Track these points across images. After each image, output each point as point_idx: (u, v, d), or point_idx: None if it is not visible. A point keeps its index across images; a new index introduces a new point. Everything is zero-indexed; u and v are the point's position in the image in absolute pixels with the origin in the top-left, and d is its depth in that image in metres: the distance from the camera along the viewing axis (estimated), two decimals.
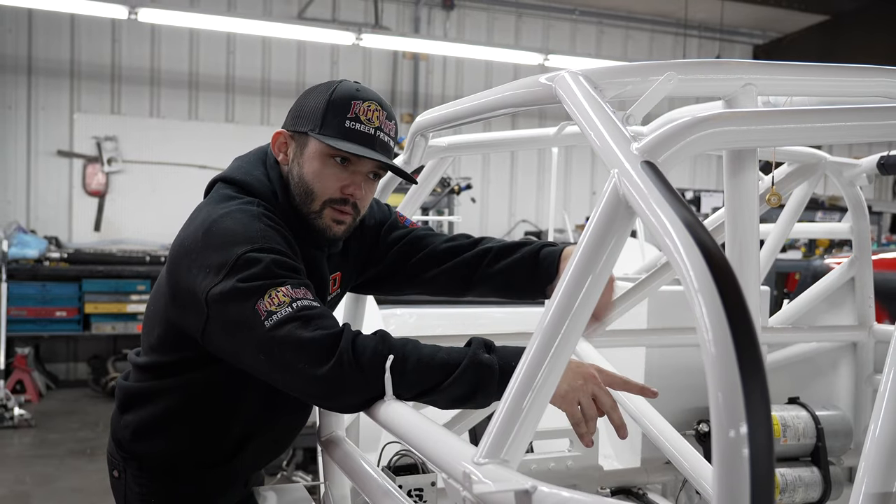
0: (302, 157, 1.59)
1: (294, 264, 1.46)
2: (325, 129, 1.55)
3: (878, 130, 1.18)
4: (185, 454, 1.69)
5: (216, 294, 1.40)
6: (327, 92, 1.58)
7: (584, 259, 0.99)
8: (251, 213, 1.52)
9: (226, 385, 1.62)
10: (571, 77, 1.23)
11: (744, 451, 0.72)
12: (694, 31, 10.08)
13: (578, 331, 0.98)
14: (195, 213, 1.60)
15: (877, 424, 1.09)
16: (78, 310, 6.85)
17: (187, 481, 1.70)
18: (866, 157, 2.41)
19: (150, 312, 1.69)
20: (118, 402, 1.76)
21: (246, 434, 1.70)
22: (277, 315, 1.34)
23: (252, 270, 1.39)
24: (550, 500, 0.83)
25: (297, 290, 1.38)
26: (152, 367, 1.68)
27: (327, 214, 1.59)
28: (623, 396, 2.09)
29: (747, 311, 0.78)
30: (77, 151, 7.71)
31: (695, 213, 0.88)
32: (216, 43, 8.09)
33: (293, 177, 1.61)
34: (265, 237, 1.46)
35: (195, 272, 1.45)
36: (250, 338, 1.37)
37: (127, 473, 1.71)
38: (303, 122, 1.59)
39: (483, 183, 9.10)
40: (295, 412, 1.77)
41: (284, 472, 4.66)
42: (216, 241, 1.46)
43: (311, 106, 1.59)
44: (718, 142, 1.05)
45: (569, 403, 1.30)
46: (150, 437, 1.68)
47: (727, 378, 0.74)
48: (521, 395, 0.97)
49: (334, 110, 1.55)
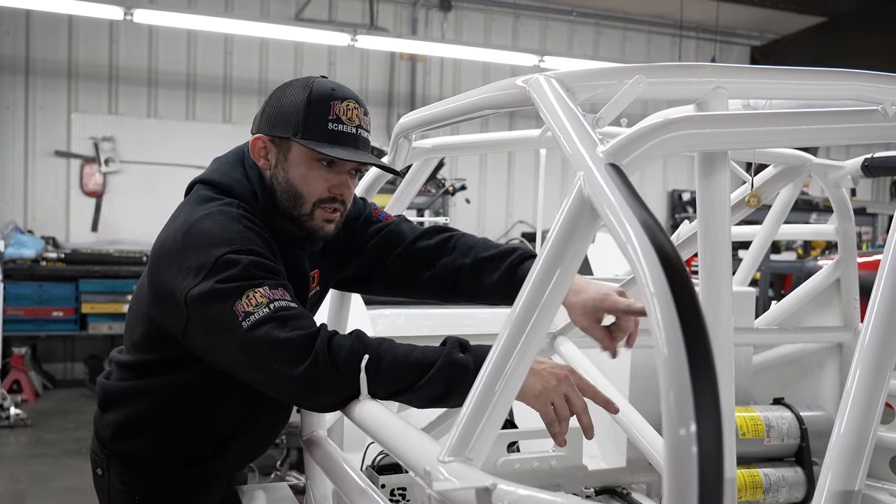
0: (287, 162, 1.59)
1: (273, 265, 1.47)
2: (307, 133, 1.55)
3: (848, 133, 1.19)
4: (168, 453, 1.70)
5: (195, 295, 1.42)
6: (304, 93, 1.57)
7: (549, 260, 1.01)
8: (230, 214, 1.53)
9: (208, 385, 1.63)
10: (545, 80, 1.24)
11: (693, 450, 0.73)
12: (691, 33, 10.09)
13: (543, 331, 0.99)
14: (175, 214, 1.61)
15: (842, 423, 1.11)
16: (75, 310, 6.87)
17: (170, 480, 1.71)
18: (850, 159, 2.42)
19: (133, 312, 1.71)
20: (99, 400, 1.77)
21: (228, 433, 1.71)
22: (255, 316, 1.36)
23: (231, 272, 1.40)
24: (509, 498, 0.84)
25: (274, 291, 1.40)
26: (135, 366, 1.69)
27: (318, 215, 1.60)
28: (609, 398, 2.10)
29: (699, 313, 0.79)
30: (74, 152, 7.73)
31: (654, 215, 0.89)
32: (213, 44, 8.11)
33: (278, 182, 1.61)
34: (244, 238, 1.47)
35: (175, 273, 1.47)
36: (228, 338, 1.39)
37: (110, 471, 1.72)
38: (282, 126, 1.58)
39: (480, 184, 9.11)
40: (276, 411, 1.78)
41: (278, 472, 4.67)
42: (196, 242, 1.47)
43: (288, 108, 1.58)
44: (684, 145, 1.06)
45: (542, 403, 1.33)
46: (132, 437, 1.69)
47: (678, 378, 0.75)
48: (486, 395, 0.98)
49: (315, 113, 1.55)
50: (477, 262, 1.72)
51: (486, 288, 1.71)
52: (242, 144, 1.71)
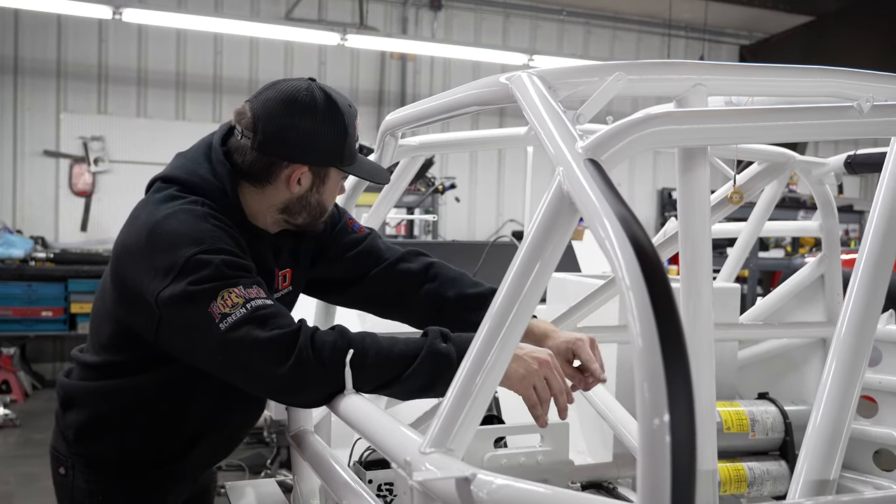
0: (324, 187, 1.62)
1: (244, 263, 1.46)
2: (346, 161, 1.61)
3: (823, 129, 1.21)
4: (135, 453, 1.67)
5: (167, 297, 1.39)
6: (339, 119, 1.57)
7: (529, 253, 1.02)
8: (196, 213, 1.49)
9: (178, 384, 1.61)
10: (527, 77, 1.26)
11: (666, 439, 0.75)
12: (681, 32, 10.13)
13: (523, 325, 1.01)
14: (135, 213, 1.57)
15: (818, 414, 1.13)
16: (64, 310, 6.84)
17: (136, 479, 1.68)
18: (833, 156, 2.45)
19: (98, 310, 1.67)
20: (61, 399, 1.73)
21: (198, 432, 1.69)
22: (232, 317, 1.35)
23: (202, 273, 1.38)
24: (488, 487, 0.85)
25: (249, 290, 1.39)
26: (101, 367, 1.65)
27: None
28: (593, 395, 2.13)
29: (674, 305, 0.80)
30: (63, 151, 7.70)
31: (632, 210, 0.91)
32: (203, 43, 8.09)
33: (310, 203, 1.62)
34: (213, 237, 1.45)
35: (142, 274, 1.45)
36: (205, 340, 1.38)
37: (74, 471, 1.69)
38: (325, 156, 1.59)
39: (470, 183, 9.12)
40: (247, 408, 1.77)
41: (269, 471, 4.68)
42: (162, 242, 1.44)
43: (329, 138, 1.57)
44: (662, 140, 1.08)
45: (525, 387, 1.38)
46: (98, 437, 1.67)
47: (652, 369, 0.77)
48: (467, 388, 0.99)
49: (346, 139, 1.59)
50: (462, 299, 1.74)
51: (469, 325, 1.67)
52: (207, 137, 1.67)
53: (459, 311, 1.72)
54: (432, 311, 1.74)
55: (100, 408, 1.65)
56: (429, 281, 1.76)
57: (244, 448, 4.86)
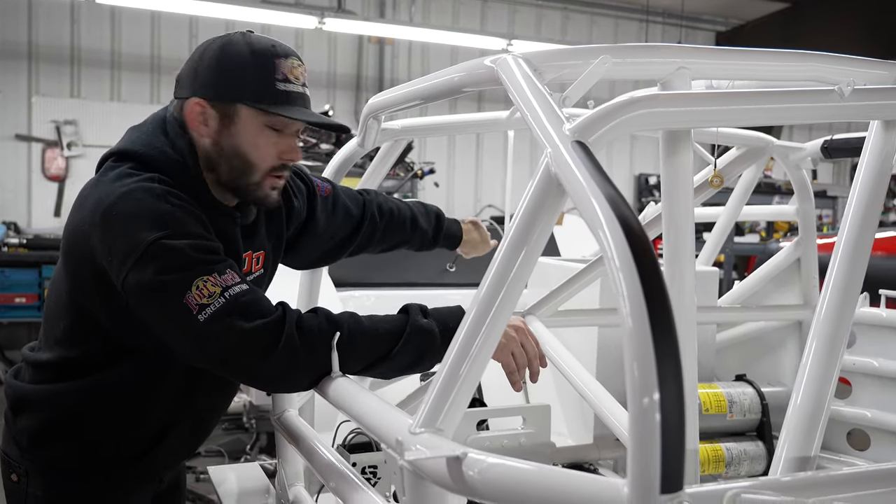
0: (233, 128, 1.45)
1: (212, 245, 1.37)
2: (257, 96, 1.43)
3: (805, 113, 1.23)
4: (97, 455, 1.58)
5: (133, 285, 1.31)
6: (245, 50, 1.44)
7: (517, 236, 1.03)
8: (154, 191, 1.37)
9: (141, 377, 1.53)
10: (513, 60, 1.26)
11: (656, 417, 0.76)
12: (658, 18, 10.16)
13: (511, 306, 1.02)
14: (84, 193, 1.46)
15: (798, 393, 1.15)
16: (38, 296, 6.75)
17: (98, 483, 1.59)
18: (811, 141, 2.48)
19: (52, 304, 1.56)
20: (10, 402, 1.60)
21: (165, 424, 1.60)
22: (211, 307, 1.28)
23: (170, 261, 1.30)
24: (479, 465, 0.86)
25: (224, 277, 1.31)
26: (55, 365, 1.54)
27: (266, 183, 1.50)
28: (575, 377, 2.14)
29: (662, 285, 0.81)
30: (36, 135, 7.58)
31: (620, 191, 0.92)
32: (178, 26, 7.99)
33: (223, 151, 1.47)
34: (175, 220, 1.35)
35: (99, 258, 1.36)
36: (183, 332, 1.31)
37: (28, 477, 1.57)
38: (226, 89, 1.44)
39: (448, 168, 9.12)
40: (217, 392, 1.69)
41: (248, 457, 4.66)
42: (118, 226, 1.34)
43: (230, 68, 1.44)
44: (647, 122, 1.09)
45: (504, 354, 1.43)
46: (55, 441, 1.56)
47: (642, 348, 0.78)
48: (456, 368, 1.00)
49: (262, 73, 1.43)
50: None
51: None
52: (160, 111, 1.55)
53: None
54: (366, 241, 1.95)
55: (56, 411, 1.55)
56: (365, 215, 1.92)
57: (223, 434, 4.84)
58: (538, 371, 1.52)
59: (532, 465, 0.85)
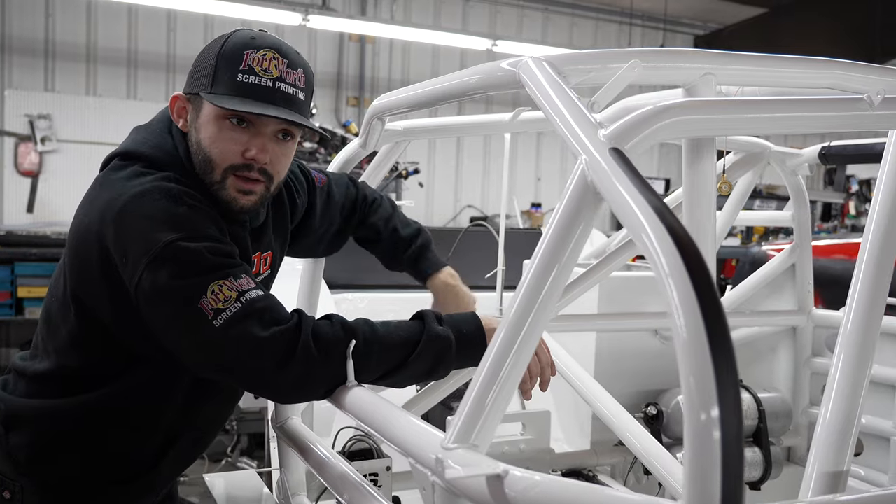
0: (198, 122, 1.41)
1: (228, 248, 1.33)
2: (216, 87, 1.37)
3: (834, 121, 1.22)
4: (100, 470, 1.51)
5: (147, 289, 1.26)
6: (219, 45, 1.41)
7: (552, 245, 1.00)
8: (170, 192, 1.34)
9: (144, 393, 1.47)
10: (535, 63, 1.23)
11: (715, 434, 0.73)
12: (638, 21, 10.21)
13: (546, 318, 0.99)
14: (94, 194, 1.40)
15: (827, 408, 1.13)
16: (10, 294, 6.59)
17: (99, 499, 1.53)
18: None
19: (53, 310, 1.49)
20: (1, 416, 1.51)
21: (172, 436, 1.55)
22: (227, 312, 1.23)
23: (186, 264, 1.26)
24: (522, 485, 0.83)
25: (240, 281, 1.27)
26: (56, 377, 1.47)
27: (231, 184, 1.41)
28: (577, 381, 2.13)
29: (717, 296, 0.79)
30: (8, 129, 7.40)
31: (663, 200, 0.89)
32: (156, 20, 7.85)
33: (192, 144, 1.43)
34: (192, 222, 1.31)
35: (112, 259, 1.31)
36: (194, 338, 1.26)
37: (24, 494, 1.49)
38: (195, 81, 1.42)
39: (429, 168, 9.07)
40: (220, 409, 1.65)
41: (229, 458, 4.60)
42: (133, 226, 1.29)
43: (203, 62, 1.42)
44: (684, 129, 1.07)
45: None
46: (55, 458, 1.49)
47: (699, 361, 0.76)
48: (490, 381, 0.97)
49: (226, 64, 1.38)
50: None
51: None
52: (165, 108, 1.52)
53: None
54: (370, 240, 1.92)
55: (57, 428, 1.47)
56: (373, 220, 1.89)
57: None
58: (549, 380, 1.49)
59: (578, 484, 0.82)
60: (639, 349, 2.53)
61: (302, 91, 1.45)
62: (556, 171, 9.93)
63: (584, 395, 1.99)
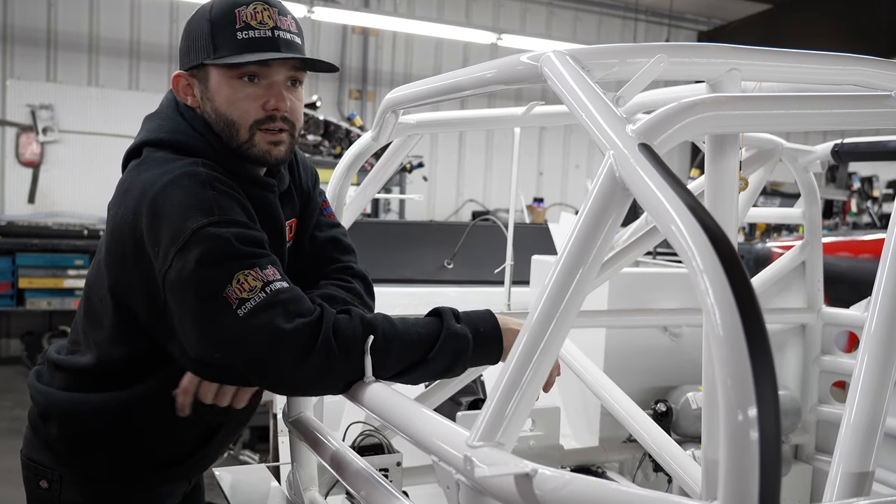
0: (209, 91, 1.43)
1: (257, 235, 1.33)
2: (219, 51, 1.39)
3: (860, 118, 1.20)
4: (140, 461, 1.53)
5: (174, 276, 1.26)
6: (207, 13, 1.42)
7: (580, 240, 0.99)
8: (199, 177, 1.34)
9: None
10: (558, 57, 1.21)
11: (752, 434, 0.72)
12: (642, 16, 10.19)
13: (572, 316, 0.98)
14: (126, 184, 1.40)
15: (851, 408, 1.12)
16: (11, 284, 6.60)
17: (137, 488, 1.55)
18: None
19: (93, 304, 1.49)
20: (41, 409, 1.54)
21: (208, 430, 1.56)
22: (251, 302, 1.23)
23: (214, 250, 1.26)
24: (552, 484, 0.82)
25: (266, 271, 1.27)
26: (98, 370, 1.47)
27: (259, 140, 1.43)
28: (588, 377, 2.12)
29: (753, 293, 0.78)
30: (10, 120, 7.39)
31: (695, 196, 0.88)
32: (158, 10, 7.83)
33: (209, 115, 1.44)
34: (221, 207, 1.31)
35: (146, 248, 1.32)
36: (216, 328, 1.25)
37: (62, 484, 1.51)
38: (194, 54, 1.43)
39: (431, 162, 9.05)
40: (254, 397, 1.60)
41: (231, 452, 4.60)
42: (165, 213, 1.30)
43: (195, 33, 1.43)
44: (713, 125, 1.05)
45: None
46: (96, 450, 1.50)
47: (736, 359, 0.74)
48: (516, 379, 0.96)
49: (221, 27, 1.39)
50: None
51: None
52: (168, 93, 1.53)
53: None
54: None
55: (96, 421, 1.48)
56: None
57: None
58: (553, 382, 1.44)
59: (609, 485, 0.81)
60: (648, 346, 2.52)
61: (297, 35, 1.47)
62: (558, 165, 9.92)
63: (596, 391, 1.98)
